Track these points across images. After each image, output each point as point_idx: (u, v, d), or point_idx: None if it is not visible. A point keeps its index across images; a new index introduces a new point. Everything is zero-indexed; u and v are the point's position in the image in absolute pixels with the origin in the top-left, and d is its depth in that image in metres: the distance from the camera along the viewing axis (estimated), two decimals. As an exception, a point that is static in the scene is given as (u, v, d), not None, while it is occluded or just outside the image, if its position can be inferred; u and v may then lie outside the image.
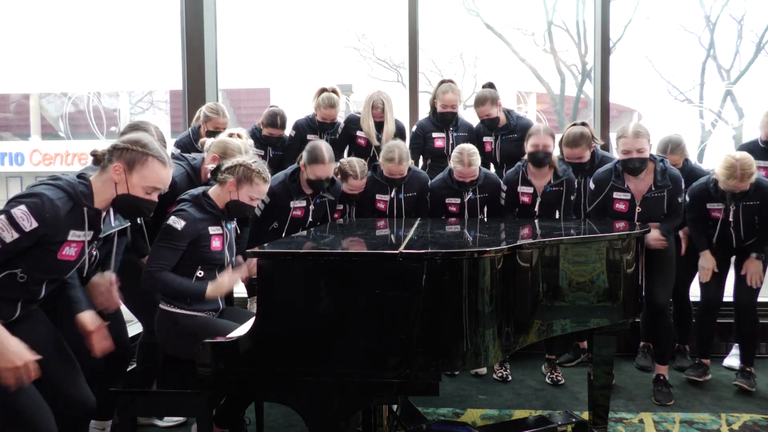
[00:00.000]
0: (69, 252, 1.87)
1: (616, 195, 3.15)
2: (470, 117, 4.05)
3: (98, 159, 1.94)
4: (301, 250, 1.86)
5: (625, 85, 12.72)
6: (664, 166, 3.13)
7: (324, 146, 3.16)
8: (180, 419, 2.91)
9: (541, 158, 3.30)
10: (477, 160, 3.33)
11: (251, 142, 3.00)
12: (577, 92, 13.00)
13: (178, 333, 2.31)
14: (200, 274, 2.36)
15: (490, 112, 3.71)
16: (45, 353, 1.86)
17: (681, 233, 3.46)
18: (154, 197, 1.97)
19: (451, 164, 3.39)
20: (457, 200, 3.44)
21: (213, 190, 2.39)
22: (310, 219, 3.30)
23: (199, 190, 2.48)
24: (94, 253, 2.01)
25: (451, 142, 3.85)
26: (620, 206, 3.14)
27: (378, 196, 3.49)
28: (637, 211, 3.12)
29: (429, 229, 2.59)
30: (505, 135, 3.80)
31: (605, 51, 4.30)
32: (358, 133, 3.95)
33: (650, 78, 13.49)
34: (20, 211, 1.72)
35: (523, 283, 2.00)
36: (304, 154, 3.17)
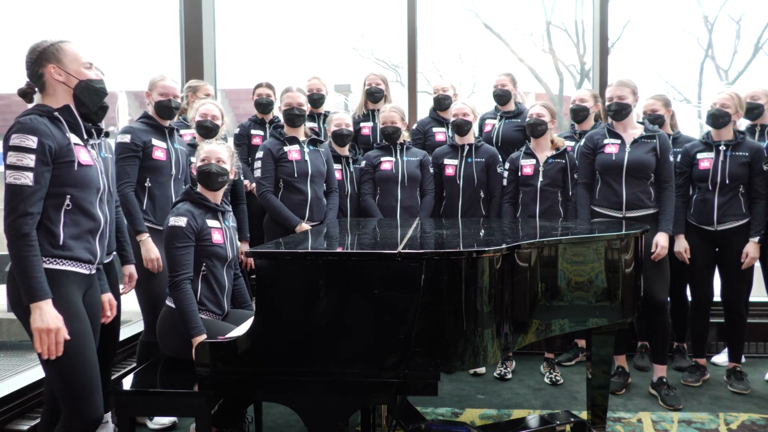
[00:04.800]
0: (84, 158, 1.87)
1: (606, 141, 3.22)
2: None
3: (27, 91, 1.92)
4: (300, 250, 1.86)
5: (623, 85, 12.71)
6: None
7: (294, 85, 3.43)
8: (169, 421, 2.87)
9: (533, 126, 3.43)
10: (471, 104, 3.60)
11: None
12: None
13: (179, 332, 2.31)
14: (204, 270, 2.36)
15: (506, 84, 3.89)
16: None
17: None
18: (95, 71, 1.97)
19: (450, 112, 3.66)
20: (455, 161, 3.59)
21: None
22: (310, 170, 3.32)
23: (186, 186, 2.50)
24: (101, 162, 1.97)
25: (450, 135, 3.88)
26: (611, 149, 3.19)
27: (383, 158, 3.58)
28: (627, 152, 3.15)
29: (428, 228, 2.59)
30: (508, 118, 3.90)
31: (604, 51, 4.31)
32: (362, 123, 4.00)
33: (649, 78, 13.50)
34: (17, 138, 1.75)
35: (521, 283, 2.00)
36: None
